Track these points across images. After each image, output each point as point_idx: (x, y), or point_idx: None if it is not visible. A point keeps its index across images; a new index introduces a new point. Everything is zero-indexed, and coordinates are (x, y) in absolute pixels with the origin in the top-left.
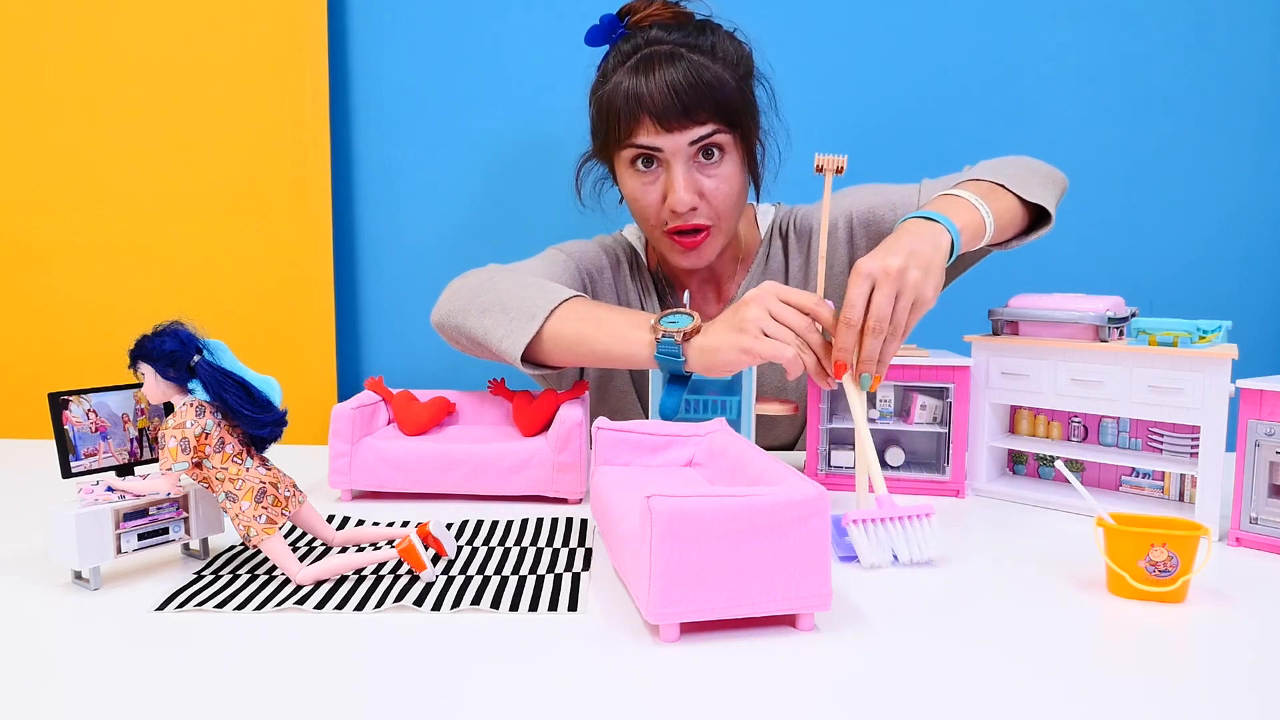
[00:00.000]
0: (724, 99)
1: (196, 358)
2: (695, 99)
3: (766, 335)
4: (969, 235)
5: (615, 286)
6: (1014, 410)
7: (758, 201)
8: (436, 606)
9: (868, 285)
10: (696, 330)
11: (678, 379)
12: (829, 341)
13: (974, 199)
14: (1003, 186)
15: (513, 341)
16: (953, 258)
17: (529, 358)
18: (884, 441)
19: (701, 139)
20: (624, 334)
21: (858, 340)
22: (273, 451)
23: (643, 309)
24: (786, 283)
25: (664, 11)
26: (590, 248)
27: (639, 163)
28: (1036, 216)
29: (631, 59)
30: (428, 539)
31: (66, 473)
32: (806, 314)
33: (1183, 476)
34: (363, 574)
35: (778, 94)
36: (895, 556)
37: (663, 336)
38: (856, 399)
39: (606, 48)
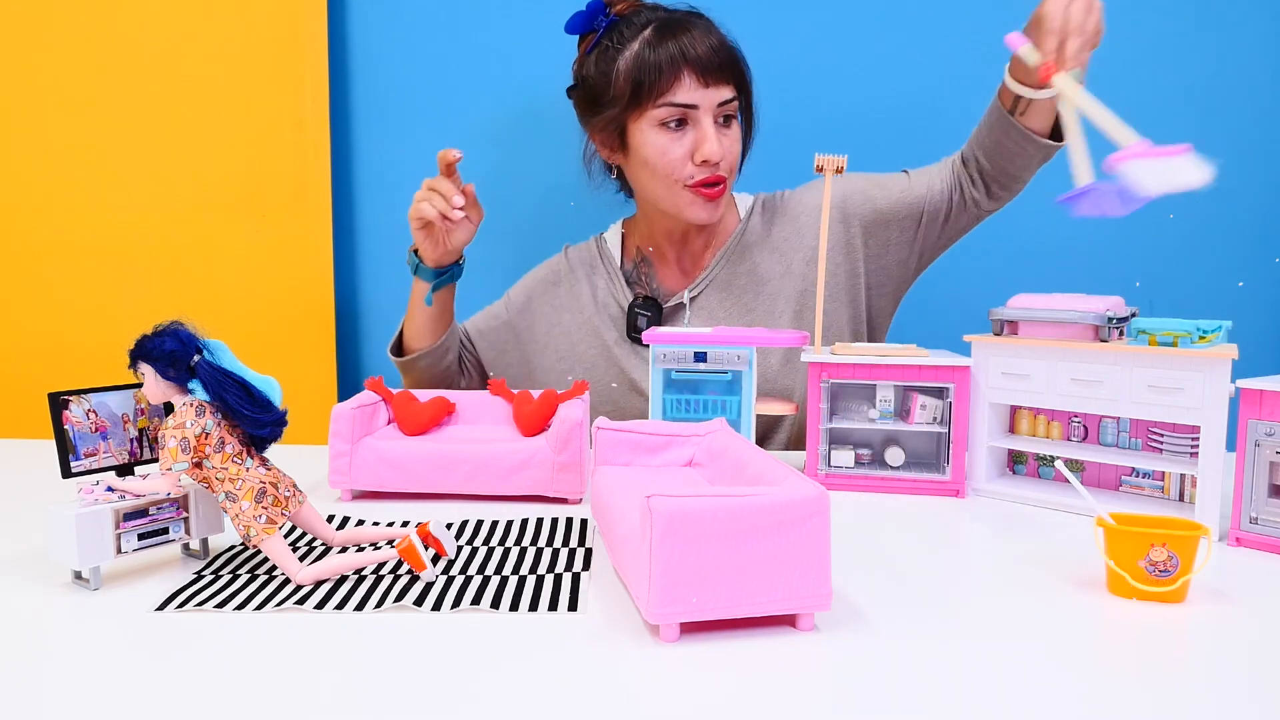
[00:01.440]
0: (741, 63)
1: (196, 358)
2: (726, 58)
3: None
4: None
5: (580, 286)
6: (1014, 410)
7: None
8: (436, 606)
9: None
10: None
11: (429, 276)
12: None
13: None
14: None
15: (391, 344)
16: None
17: (408, 351)
18: (884, 441)
19: (725, 102)
20: (412, 287)
21: (1060, 45)
22: (273, 451)
23: (612, 297)
24: (767, 253)
25: (641, 4)
26: (547, 267)
27: (670, 123)
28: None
29: (649, 28)
30: (428, 539)
31: (66, 473)
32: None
33: (1183, 476)
34: (363, 574)
35: (760, 86)
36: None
37: (408, 260)
38: (1071, 93)
39: (578, 36)
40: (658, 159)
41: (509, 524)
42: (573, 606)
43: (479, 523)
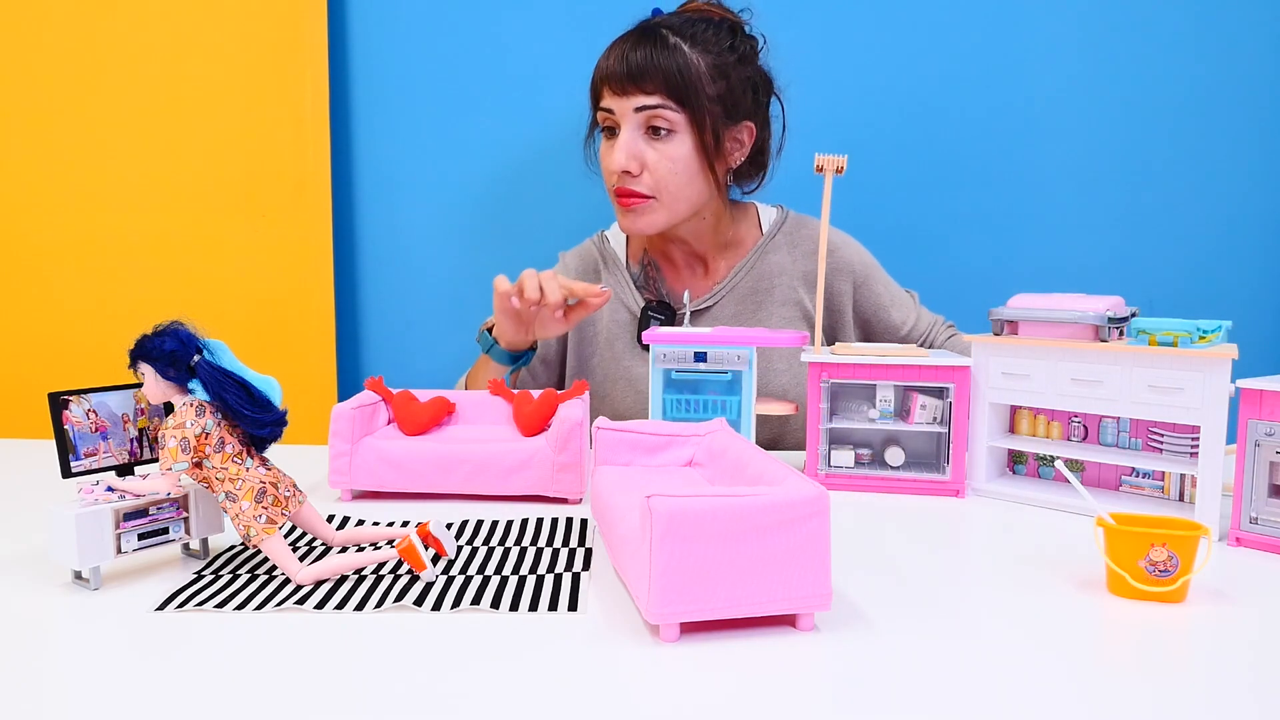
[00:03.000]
0: (675, 76)
1: (196, 357)
2: (644, 70)
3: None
4: None
5: (596, 283)
6: (1014, 410)
7: (734, 189)
8: (436, 606)
9: None
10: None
11: (504, 359)
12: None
13: None
14: None
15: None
16: None
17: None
18: (884, 441)
19: (646, 108)
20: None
21: None
22: (273, 451)
23: (620, 301)
24: (786, 274)
25: (711, 10)
26: (564, 270)
27: (605, 128)
28: None
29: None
30: (428, 539)
31: (66, 473)
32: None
33: (1183, 476)
34: (363, 574)
35: (784, 103)
36: None
37: (480, 338)
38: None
39: None
40: (600, 165)
41: (509, 524)
42: (573, 606)
43: (479, 523)
